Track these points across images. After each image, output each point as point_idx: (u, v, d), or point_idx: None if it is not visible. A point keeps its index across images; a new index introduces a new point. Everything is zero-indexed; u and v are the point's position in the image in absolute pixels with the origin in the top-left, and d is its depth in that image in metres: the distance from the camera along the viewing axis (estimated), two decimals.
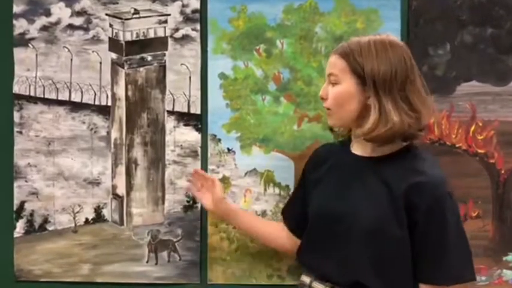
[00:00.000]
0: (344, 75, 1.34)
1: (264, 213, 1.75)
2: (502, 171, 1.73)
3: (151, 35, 1.76)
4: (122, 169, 1.78)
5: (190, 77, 1.76)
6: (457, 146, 1.73)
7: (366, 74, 1.31)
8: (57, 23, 1.77)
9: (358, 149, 1.42)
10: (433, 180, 1.31)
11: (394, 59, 1.32)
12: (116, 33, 1.77)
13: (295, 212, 1.56)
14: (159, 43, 1.76)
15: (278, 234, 1.61)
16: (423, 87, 1.36)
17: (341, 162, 1.44)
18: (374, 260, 1.31)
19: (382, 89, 1.30)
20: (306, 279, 1.44)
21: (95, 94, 1.77)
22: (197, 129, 1.76)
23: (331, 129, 1.48)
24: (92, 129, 1.78)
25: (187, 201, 1.77)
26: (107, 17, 1.77)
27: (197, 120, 1.76)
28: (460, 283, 1.32)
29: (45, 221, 1.78)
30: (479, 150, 1.73)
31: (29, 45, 1.77)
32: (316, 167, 1.50)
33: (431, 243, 1.30)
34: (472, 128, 1.73)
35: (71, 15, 1.77)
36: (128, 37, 1.76)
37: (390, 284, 1.32)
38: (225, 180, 1.75)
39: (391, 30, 1.71)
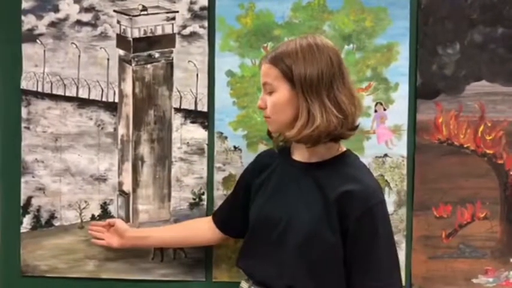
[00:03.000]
0: (278, 82, 1.33)
1: None
2: (511, 172, 1.72)
3: (159, 32, 1.76)
4: (128, 166, 1.78)
5: (197, 75, 1.76)
6: (465, 146, 1.72)
7: (295, 78, 1.31)
8: (65, 19, 1.77)
9: (297, 154, 1.42)
10: (365, 189, 1.31)
11: (321, 61, 1.31)
12: (123, 29, 1.77)
13: (226, 213, 1.61)
14: (167, 40, 1.76)
15: (202, 231, 1.65)
16: (352, 86, 1.36)
17: (281, 167, 1.44)
18: (308, 265, 1.31)
19: (310, 91, 1.30)
20: (244, 285, 1.46)
21: (102, 90, 1.78)
22: (204, 127, 1.76)
23: (269, 135, 1.47)
24: (99, 125, 1.78)
25: (193, 199, 1.77)
26: (114, 14, 1.77)
27: (204, 118, 1.76)
28: None
29: (52, 216, 1.79)
30: (488, 151, 1.72)
31: (37, 41, 1.78)
32: (258, 173, 1.50)
33: (362, 252, 1.30)
34: (481, 128, 1.72)
35: (79, 12, 1.77)
36: (136, 34, 1.76)
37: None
38: (231, 178, 1.75)
39: (400, 29, 1.71)
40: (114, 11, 1.77)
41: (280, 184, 1.41)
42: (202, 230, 1.66)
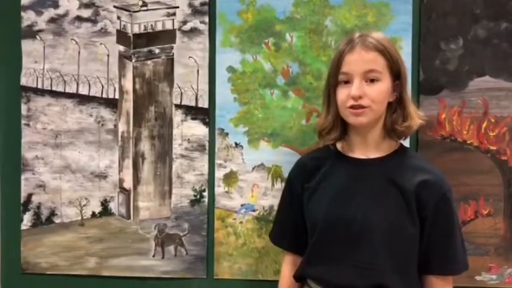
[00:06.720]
0: (384, 72, 1.35)
1: (271, 208, 1.73)
2: None
3: (159, 27, 1.75)
4: (129, 163, 1.78)
5: (198, 70, 1.75)
6: (468, 142, 1.70)
7: (402, 72, 1.37)
8: (65, 15, 1.76)
9: (355, 151, 1.41)
10: (437, 178, 1.36)
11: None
12: (123, 25, 1.75)
13: (292, 231, 1.50)
14: (167, 36, 1.75)
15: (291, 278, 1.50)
16: None
17: (337, 167, 1.42)
18: (393, 260, 1.32)
19: (405, 86, 1.38)
20: None
21: (103, 87, 1.77)
22: (205, 123, 1.75)
23: (320, 132, 1.43)
24: (99, 122, 1.77)
25: (194, 196, 1.76)
26: (114, 9, 1.75)
27: (205, 114, 1.75)
28: (465, 271, 1.40)
29: (52, 213, 1.79)
30: (491, 147, 1.70)
31: (37, 37, 1.77)
32: (309, 177, 1.45)
33: (442, 237, 1.35)
34: (484, 124, 1.70)
35: (79, 7, 1.76)
36: (136, 30, 1.75)
37: (406, 281, 1.34)
38: (232, 175, 1.74)
39: (402, 24, 1.70)
40: (114, 6, 1.75)
41: (343, 183, 1.38)
42: (290, 278, 1.50)
